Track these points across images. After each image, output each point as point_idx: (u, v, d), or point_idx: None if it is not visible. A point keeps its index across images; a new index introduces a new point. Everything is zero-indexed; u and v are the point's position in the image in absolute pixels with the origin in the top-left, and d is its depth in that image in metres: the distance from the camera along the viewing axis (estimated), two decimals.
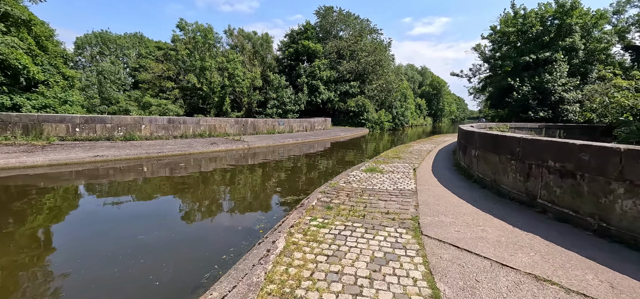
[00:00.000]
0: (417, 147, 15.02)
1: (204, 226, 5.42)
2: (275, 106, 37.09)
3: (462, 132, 8.74)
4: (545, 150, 4.46)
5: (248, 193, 7.71)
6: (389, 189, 6.31)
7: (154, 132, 15.34)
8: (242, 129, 19.85)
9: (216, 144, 14.91)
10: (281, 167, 11.63)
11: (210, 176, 9.77)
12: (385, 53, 43.76)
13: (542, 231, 3.88)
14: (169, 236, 4.83)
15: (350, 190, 6.19)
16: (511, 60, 34.07)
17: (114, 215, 5.94)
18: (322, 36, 44.20)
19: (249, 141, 17.01)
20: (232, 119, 19.46)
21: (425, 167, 9.08)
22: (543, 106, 30.20)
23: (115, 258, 4.03)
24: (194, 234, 5.07)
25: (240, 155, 14.00)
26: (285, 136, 21.15)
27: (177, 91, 38.81)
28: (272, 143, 17.73)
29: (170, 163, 11.36)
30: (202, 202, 6.90)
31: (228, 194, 7.74)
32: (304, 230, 3.97)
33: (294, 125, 24.93)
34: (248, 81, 37.11)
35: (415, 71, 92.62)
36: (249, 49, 44.40)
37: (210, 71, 38.64)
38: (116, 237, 4.83)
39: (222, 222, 5.53)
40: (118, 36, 55.85)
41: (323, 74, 38.76)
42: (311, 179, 9.51)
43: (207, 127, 17.70)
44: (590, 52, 30.75)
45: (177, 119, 16.40)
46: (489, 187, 6.12)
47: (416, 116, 66.34)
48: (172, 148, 13.11)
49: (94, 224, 5.40)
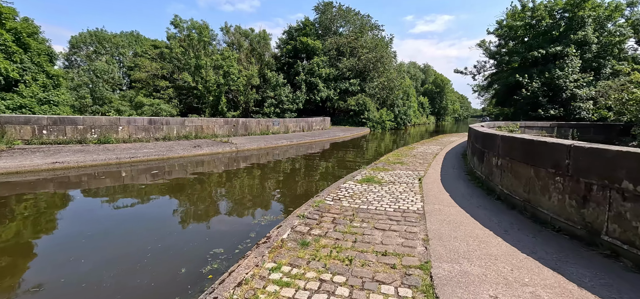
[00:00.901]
0: (422, 150, 13.58)
1: (137, 269, 4.01)
2: (273, 105, 35.72)
3: (478, 135, 7.30)
4: (617, 165, 3.04)
5: (213, 213, 6.32)
6: (388, 209, 4.90)
7: (132, 135, 14.01)
8: (232, 130, 18.49)
9: (200, 147, 13.56)
10: (266, 175, 10.25)
11: (179, 186, 8.40)
12: (386, 50, 42.23)
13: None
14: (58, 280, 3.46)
15: (339, 211, 4.79)
16: (519, 56, 32.45)
17: (25, 246, 4.57)
18: (321, 33, 42.76)
19: (238, 143, 15.64)
20: (221, 119, 18.11)
21: (433, 176, 7.65)
22: (553, 104, 28.60)
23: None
24: (117, 279, 3.68)
25: (226, 159, 12.64)
26: (280, 137, 19.78)
27: (172, 90, 37.56)
28: (263, 145, 16.36)
29: (142, 170, 10.01)
30: (151, 225, 5.54)
31: (190, 212, 6.36)
32: (254, 295, 2.57)
33: (290, 125, 23.55)
34: (244, 79, 35.76)
35: (418, 69, 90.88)
36: (246, 46, 43.09)
37: (206, 70, 37.37)
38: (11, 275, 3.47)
39: (163, 260, 4.12)
40: (114, 35, 54.75)
41: (322, 71, 37.34)
42: (296, 192, 8.12)
43: (193, 129, 16.36)
44: (603, 46, 29.07)
45: (158, 119, 15.06)
46: (519, 208, 4.70)
47: (419, 115, 64.78)
48: (148, 152, 11.76)
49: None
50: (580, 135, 23.68)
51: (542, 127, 24.61)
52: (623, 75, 27.69)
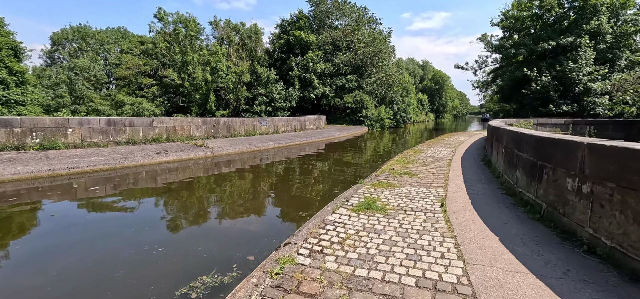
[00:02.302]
0: (430, 153, 11.44)
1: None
2: (264, 103, 33.48)
3: (521, 139, 5.15)
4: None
5: (124, 262, 4.12)
6: (405, 280, 2.74)
7: (86, 138, 11.75)
8: (211, 132, 16.26)
9: (166, 153, 11.32)
10: (234, 192, 8.06)
11: (111, 209, 6.18)
12: (384, 44, 40.02)
13: None
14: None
15: (318, 287, 2.63)
16: (526, 48, 30.40)
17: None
18: (315, 27, 40.49)
19: (215, 146, 13.43)
20: (198, 119, 15.87)
21: (459, 197, 5.50)
22: (565, 99, 26.58)
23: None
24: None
25: (197, 167, 10.43)
26: (267, 138, 17.57)
27: (156, 88, 35.17)
28: (246, 149, 14.15)
29: (81, 184, 7.78)
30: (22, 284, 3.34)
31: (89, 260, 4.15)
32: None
33: (280, 125, 21.33)
34: (233, 75, 33.45)
35: (416, 65, 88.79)
36: (236, 41, 40.75)
37: (193, 66, 35.04)
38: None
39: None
40: (98, 31, 52.19)
41: (317, 66, 35.11)
42: (262, 227, 5.96)
43: (163, 130, 14.11)
44: (617, 36, 27.06)
45: (120, 120, 12.79)
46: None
47: (418, 112, 62.74)
48: (97, 160, 9.52)
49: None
50: (598, 132, 21.68)
51: (555, 125, 22.62)
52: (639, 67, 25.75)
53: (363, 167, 11.13)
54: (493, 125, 9.07)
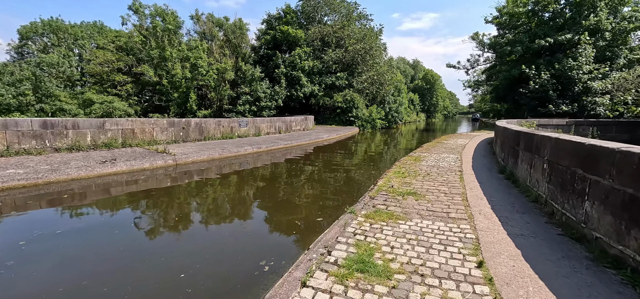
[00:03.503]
0: (433, 161, 9.65)
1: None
2: (248, 102, 31.31)
3: (613, 158, 3.35)
4: None
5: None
6: None
7: (13, 144, 9.50)
8: (181, 135, 14.12)
9: (113, 163, 9.18)
10: (179, 223, 6.06)
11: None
12: (376, 41, 38.33)
13: None
14: None
15: None
16: (522, 46, 29.19)
17: None
18: (304, 22, 38.52)
19: (180, 153, 11.33)
20: (164, 120, 13.71)
21: (501, 246, 3.67)
22: (564, 98, 25.41)
23: None
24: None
25: (151, 180, 8.36)
26: (246, 142, 15.53)
27: (131, 85, 32.53)
28: (218, 154, 12.09)
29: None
30: None
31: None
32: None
33: (263, 126, 19.30)
34: (214, 73, 31.13)
35: (407, 65, 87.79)
36: (220, 37, 38.39)
37: (172, 62, 32.59)
38: None
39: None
40: (72, 25, 48.79)
41: (305, 64, 33.13)
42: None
43: (118, 133, 11.92)
44: (616, 34, 26.08)
45: (60, 121, 10.55)
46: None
47: (410, 112, 61.50)
48: (13, 174, 7.34)
49: None
50: (601, 134, 20.47)
51: (557, 126, 21.35)
52: (638, 65, 24.76)
53: (353, 181, 9.27)
54: (513, 128, 7.34)
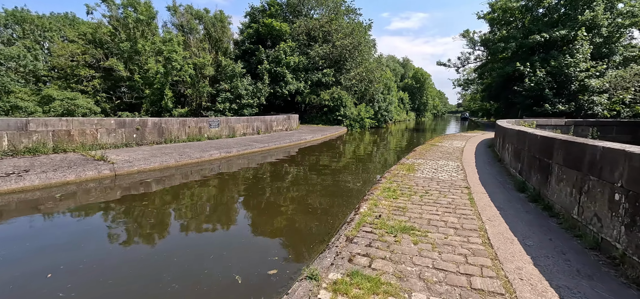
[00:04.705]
0: (430, 172, 7.90)
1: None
2: (228, 99, 29.10)
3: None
4: None
5: None
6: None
7: None
8: (134, 137, 11.97)
9: (20, 176, 7.06)
10: (81, 265, 4.05)
11: None
12: (365, 36, 36.63)
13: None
14: None
15: None
16: (515, 42, 27.99)
17: None
18: (289, 15, 36.44)
19: (123, 160, 9.24)
20: (111, 120, 11.53)
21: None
22: (560, 97, 24.26)
23: None
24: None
25: (70, 199, 6.29)
26: (214, 145, 13.49)
27: (99, 81, 29.78)
28: (174, 161, 10.04)
29: None
30: None
31: None
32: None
33: (238, 126, 17.25)
34: (190, 68, 28.78)
35: (397, 63, 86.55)
36: (199, 30, 35.92)
37: (145, 56, 30.04)
38: None
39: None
40: (39, 16, 45.24)
41: (290, 59, 31.09)
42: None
43: (48, 136, 9.71)
44: (613, 30, 25.08)
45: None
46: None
47: (399, 111, 60.21)
48: None
49: None
50: (601, 135, 19.30)
51: (556, 126, 20.07)
52: (636, 63, 23.79)
53: (330, 202, 7.42)
54: (539, 134, 5.66)
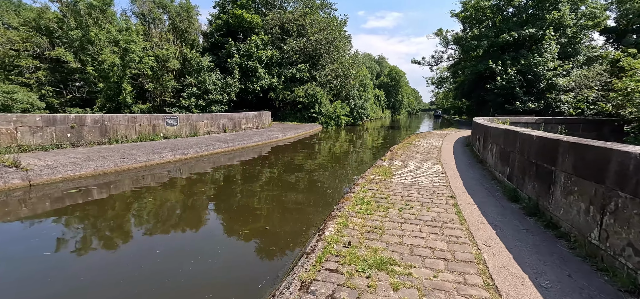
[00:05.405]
0: (409, 174, 7.01)
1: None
2: (194, 95, 27.05)
3: None
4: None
5: None
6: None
7: None
8: (69, 137, 10.13)
9: None
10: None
11: None
12: (340, 31, 35.75)
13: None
14: None
15: None
16: (487, 40, 28.32)
17: None
18: (261, 7, 34.76)
19: (44, 165, 7.55)
20: (37, 116, 9.63)
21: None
22: (530, 95, 24.74)
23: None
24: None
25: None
26: (169, 145, 11.88)
27: (44, 72, 26.53)
28: (113, 166, 8.44)
29: None
30: None
31: None
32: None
33: (201, 124, 15.64)
34: (151, 60, 26.40)
35: (373, 61, 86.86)
36: (163, 20, 33.26)
37: (99, 46, 27.19)
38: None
39: None
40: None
41: (262, 53, 29.52)
42: None
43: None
44: (577, 31, 25.93)
45: None
46: None
47: (376, 108, 60.25)
48: None
49: None
50: (569, 132, 19.68)
51: (527, 124, 20.23)
52: (597, 63, 24.71)
53: (290, 219, 6.29)
54: (535, 135, 4.88)
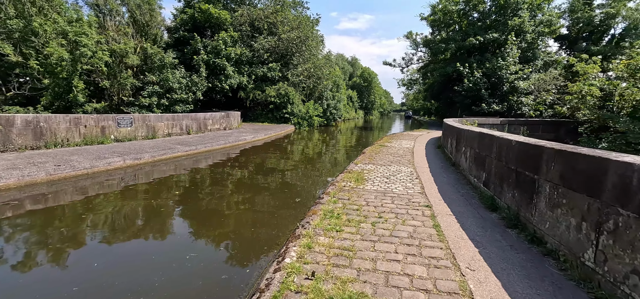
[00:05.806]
0: (382, 180, 6.56)
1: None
2: (156, 93, 25.18)
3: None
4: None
5: None
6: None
7: None
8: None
9: None
10: None
11: None
12: (312, 30, 35.21)
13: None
14: None
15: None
16: (455, 44, 29.20)
17: None
18: (230, 3, 33.33)
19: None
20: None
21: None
22: (494, 97, 25.76)
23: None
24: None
25: None
26: (120, 149, 10.60)
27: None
28: (44, 175, 7.19)
29: None
30: None
31: None
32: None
33: (160, 125, 14.32)
34: (105, 55, 24.18)
35: (346, 61, 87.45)
36: (121, 12, 30.74)
37: (44, 38, 24.42)
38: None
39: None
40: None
41: (231, 50, 28.19)
42: None
43: None
44: (536, 36, 27.47)
45: None
46: None
47: (349, 109, 60.49)
48: None
49: None
50: (530, 133, 20.64)
51: (492, 125, 20.94)
52: (553, 68, 26.28)
53: (247, 239, 5.60)
54: (515, 139, 4.59)
